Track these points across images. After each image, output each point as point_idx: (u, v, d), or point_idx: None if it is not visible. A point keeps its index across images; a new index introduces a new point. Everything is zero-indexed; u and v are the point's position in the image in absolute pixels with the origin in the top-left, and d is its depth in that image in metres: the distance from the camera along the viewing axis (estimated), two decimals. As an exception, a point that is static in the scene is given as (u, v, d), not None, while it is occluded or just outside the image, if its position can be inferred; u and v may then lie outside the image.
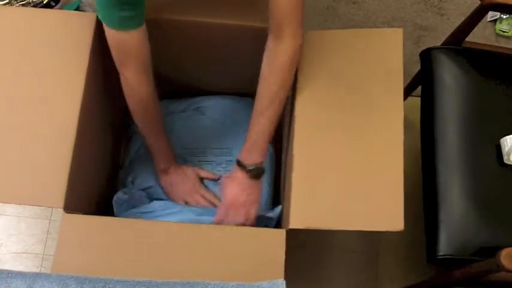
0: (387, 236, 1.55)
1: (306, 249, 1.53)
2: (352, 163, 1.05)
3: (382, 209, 1.02)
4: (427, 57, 1.37)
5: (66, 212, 1.01)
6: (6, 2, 1.71)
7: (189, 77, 1.42)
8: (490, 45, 1.43)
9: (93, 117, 1.18)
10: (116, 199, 1.26)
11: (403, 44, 1.12)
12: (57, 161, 1.02)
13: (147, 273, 0.93)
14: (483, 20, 1.33)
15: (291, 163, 1.07)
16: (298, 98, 1.10)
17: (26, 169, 1.02)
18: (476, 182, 1.22)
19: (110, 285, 0.84)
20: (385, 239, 1.56)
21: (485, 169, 1.24)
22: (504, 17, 1.79)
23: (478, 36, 1.75)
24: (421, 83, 1.41)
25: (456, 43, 1.37)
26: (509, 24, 1.79)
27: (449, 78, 1.32)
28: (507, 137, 1.23)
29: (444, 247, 1.17)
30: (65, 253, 1.00)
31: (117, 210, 1.27)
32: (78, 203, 1.09)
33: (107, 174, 1.36)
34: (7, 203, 1.51)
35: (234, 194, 1.17)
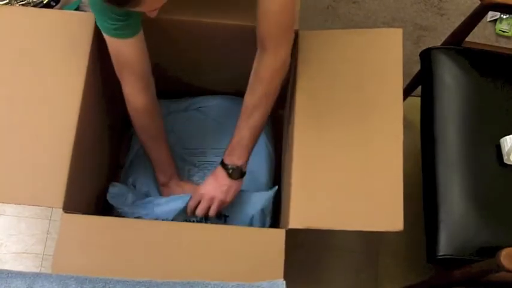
0: (387, 236, 1.55)
1: (306, 249, 1.53)
2: (351, 163, 1.05)
3: (382, 209, 1.02)
4: (427, 57, 1.37)
5: (65, 212, 1.01)
6: (6, 2, 1.71)
7: (189, 76, 1.42)
8: (490, 45, 1.43)
9: (93, 117, 1.18)
10: (110, 195, 1.26)
11: (403, 44, 1.12)
12: (56, 161, 1.02)
13: (147, 273, 0.93)
14: (483, 20, 1.33)
15: (291, 163, 1.07)
16: (298, 98, 1.10)
17: (26, 169, 1.03)
18: (476, 182, 1.22)
19: (110, 285, 0.84)
20: (385, 239, 1.56)
21: (485, 169, 1.24)
22: (504, 17, 1.79)
23: (478, 36, 1.74)
24: (421, 83, 1.41)
25: (456, 43, 1.37)
26: (509, 24, 1.79)
27: (449, 78, 1.32)
28: (507, 137, 1.23)
29: (444, 247, 1.17)
30: (64, 253, 1.00)
31: (115, 203, 1.27)
32: (78, 203, 1.09)
33: (107, 174, 1.36)
34: (7, 203, 1.51)
35: (209, 186, 1.19)
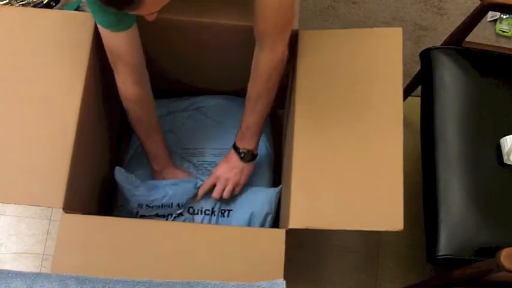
0: (387, 236, 1.55)
1: (306, 249, 1.53)
2: (351, 163, 1.05)
3: (382, 208, 1.02)
4: (427, 57, 1.37)
5: (65, 212, 1.01)
6: (6, 2, 1.71)
7: (188, 76, 1.42)
8: (490, 45, 1.43)
9: (93, 117, 1.18)
10: (119, 174, 1.26)
11: (403, 44, 1.12)
12: (56, 161, 1.03)
13: (147, 273, 0.93)
14: (483, 20, 1.33)
15: (291, 163, 1.07)
16: (298, 98, 1.10)
17: (26, 169, 1.03)
18: (476, 182, 1.22)
19: (110, 285, 0.84)
20: (385, 239, 1.56)
21: (485, 169, 1.24)
22: (504, 17, 1.79)
23: (478, 36, 1.74)
24: (421, 83, 1.41)
25: (456, 43, 1.37)
26: (509, 24, 1.79)
27: (449, 78, 1.32)
28: (507, 137, 1.23)
29: (444, 247, 1.17)
30: (64, 253, 1.00)
31: (123, 183, 1.26)
32: (78, 203, 1.09)
33: (107, 174, 1.36)
34: (7, 203, 1.51)
35: (223, 169, 1.25)
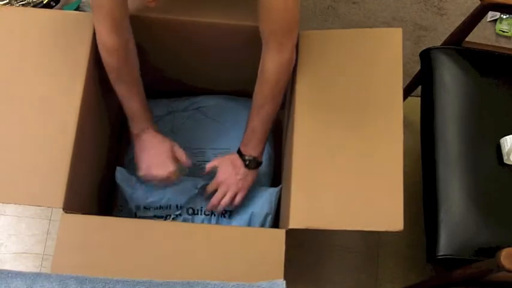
0: (387, 236, 1.55)
1: (306, 249, 1.53)
2: (351, 163, 1.05)
3: (382, 209, 1.02)
4: (427, 57, 1.37)
5: (65, 212, 1.01)
6: (6, 2, 1.71)
7: (189, 76, 1.42)
8: (490, 45, 1.43)
9: (93, 117, 1.18)
10: (119, 175, 1.26)
11: (403, 44, 1.12)
12: (56, 161, 1.02)
13: (147, 273, 0.93)
14: (483, 20, 1.33)
15: (291, 163, 1.07)
16: (298, 98, 1.10)
17: (26, 169, 1.03)
18: (476, 182, 1.22)
19: (110, 285, 0.84)
20: (385, 239, 1.56)
21: (485, 169, 1.24)
22: (504, 17, 1.79)
23: (478, 36, 1.74)
24: (421, 83, 1.41)
25: (456, 43, 1.37)
26: (509, 24, 1.79)
27: (449, 78, 1.32)
28: (507, 137, 1.23)
29: (444, 247, 1.17)
30: (64, 253, 1.00)
31: (122, 184, 1.26)
32: (78, 203, 1.09)
33: (107, 174, 1.36)
34: (7, 203, 1.51)
35: (228, 173, 1.22)
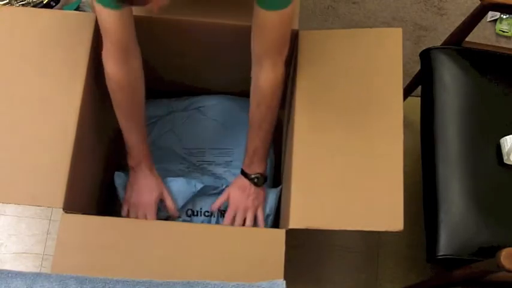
0: (387, 236, 1.55)
1: (306, 249, 1.53)
2: (351, 163, 1.05)
3: (382, 209, 1.02)
4: (427, 57, 1.37)
5: (65, 212, 1.01)
6: (6, 2, 1.71)
7: (188, 76, 1.42)
8: (490, 45, 1.43)
9: (93, 117, 1.18)
10: (118, 179, 1.26)
11: (403, 44, 1.12)
12: (56, 161, 1.02)
13: (147, 273, 0.93)
14: (483, 20, 1.33)
15: (291, 163, 1.07)
16: (298, 98, 1.10)
17: (26, 169, 1.02)
18: (476, 182, 1.22)
19: (110, 285, 0.84)
20: (385, 239, 1.56)
21: (485, 169, 1.24)
22: (504, 17, 1.79)
23: (478, 36, 1.74)
24: (421, 83, 1.41)
25: (456, 43, 1.37)
26: (509, 24, 1.79)
27: (449, 78, 1.32)
28: (507, 137, 1.23)
29: (444, 247, 1.17)
30: (64, 253, 1.00)
31: (120, 188, 1.27)
32: (78, 203, 1.09)
33: (107, 174, 1.36)
34: (7, 203, 1.51)
35: (239, 198, 1.22)
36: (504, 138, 1.23)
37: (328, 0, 1.83)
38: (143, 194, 1.21)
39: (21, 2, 1.71)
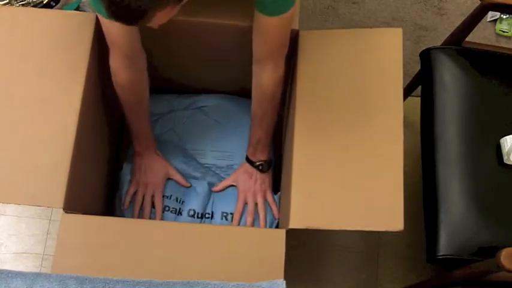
0: (387, 236, 1.55)
1: (306, 249, 1.53)
2: (352, 163, 1.05)
3: (382, 209, 1.02)
4: (427, 57, 1.37)
5: (65, 212, 1.01)
6: (6, 2, 1.71)
7: (188, 76, 1.42)
8: (490, 45, 1.43)
9: (93, 117, 1.18)
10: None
11: (403, 44, 1.12)
12: (57, 161, 1.02)
13: (147, 273, 0.93)
14: (483, 20, 1.33)
15: (291, 163, 1.07)
16: (298, 98, 1.10)
17: (26, 169, 1.02)
18: (476, 182, 1.22)
19: (110, 285, 0.84)
20: (385, 239, 1.56)
21: (485, 169, 1.24)
22: (504, 17, 1.79)
23: (478, 36, 1.74)
24: (421, 83, 1.41)
25: (456, 43, 1.37)
26: (509, 24, 1.79)
27: (449, 78, 1.32)
28: (507, 137, 1.23)
29: (444, 247, 1.17)
30: (64, 253, 1.00)
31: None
32: (78, 203, 1.09)
33: (107, 174, 1.36)
34: (7, 203, 1.51)
35: (247, 183, 1.27)
36: (504, 138, 1.23)
37: (328, 0, 1.83)
38: (151, 173, 1.28)
39: (21, 2, 1.71)
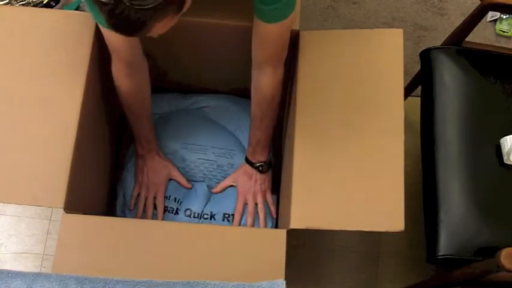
0: (387, 236, 1.55)
1: (306, 249, 1.53)
2: (352, 163, 1.05)
3: (383, 209, 1.02)
4: (427, 57, 1.37)
5: (66, 212, 1.01)
6: (6, 2, 1.71)
7: (188, 76, 1.42)
8: (490, 45, 1.43)
9: (94, 117, 1.18)
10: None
11: (403, 44, 1.12)
12: (57, 161, 1.02)
13: (147, 273, 0.93)
14: (483, 20, 1.33)
15: (291, 163, 1.07)
16: (298, 98, 1.10)
17: (26, 169, 1.02)
18: (476, 182, 1.22)
19: (110, 285, 0.84)
20: (385, 239, 1.56)
21: (485, 169, 1.24)
22: (504, 17, 1.79)
23: (478, 36, 1.74)
24: (421, 83, 1.41)
25: (456, 43, 1.37)
26: (509, 24, 1.79)
27: (449, 78, 1.32)
28: (507, 137, 1.23)
29: (444, 247, 1.17)
30: (65, 253, 1.00)
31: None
32: (79, 203, 1.09)
33: (108, 174, 1.36)
34: (7, 203, 1.51)
35: (247, 183, 1.27)
36: (504, 138, 1.23)
37: (328, 0, 1.83)
38: (153, 175, 1.29)
39: (21, 2, 1.71)
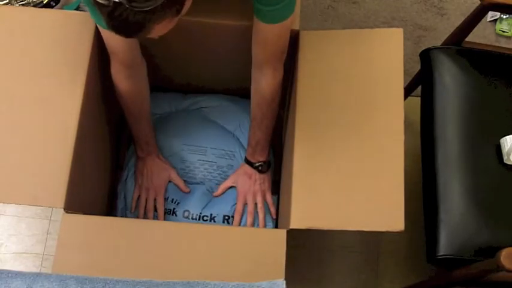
0: (387, 236, 1.55)
1: (306, 249, 1.53)
2: (352, 163, 1.05)
3: (383, 209, 1.02)
4: (427, 57, 1.37)
5: (66, 212, 1.01)
6: (6, 2, 1.71)
7: (188, 76, 1.42)
8: (490, 45, 1.43)
9: (94, 117, 1.18)
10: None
11: (403, 44, 1.12)
12: (57, 161, 1.02)
13: (147, 273, 0.93)
14: (483, 20, 1.33)
15: (291, 163, 1.07)
16: (299, 98, 1.10)
17: (26, 169, 1.02)
18: (476, 182, 1.22)
19: (110, 285, 0.84)
20: (385, 239, 1.56)
21: (485, 169, 1.24)
22: (504, 17, 1.79)
23: (478, 36, 1.74)
24: (421, 83, 1.41)
25: (456, 43, 1.37)
26: (509, 24, 1.79)
27: (449, 78, 1.32)
28: (507, 137, 1.23)
29: (444, 247, 1.17)
30: (65, 253, 1.00)
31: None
32: (79, 203, 1.09)
33: (108, 174, 1.36)
34: (7, 203, 1.51)
35: (247, 183, 1.27)
36: (504, 138, 1.23)
37: (328, 0, 1.83)
38: (153, 177, 1.30)
39: (21, 2, 1.71)
